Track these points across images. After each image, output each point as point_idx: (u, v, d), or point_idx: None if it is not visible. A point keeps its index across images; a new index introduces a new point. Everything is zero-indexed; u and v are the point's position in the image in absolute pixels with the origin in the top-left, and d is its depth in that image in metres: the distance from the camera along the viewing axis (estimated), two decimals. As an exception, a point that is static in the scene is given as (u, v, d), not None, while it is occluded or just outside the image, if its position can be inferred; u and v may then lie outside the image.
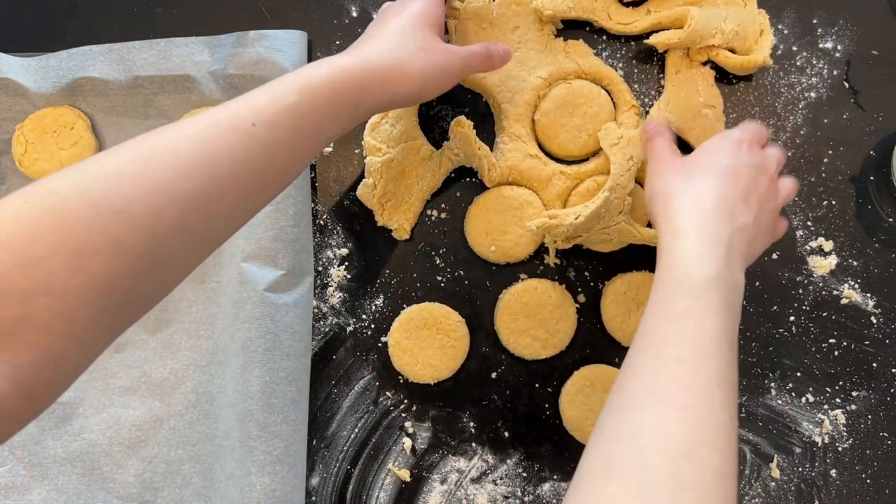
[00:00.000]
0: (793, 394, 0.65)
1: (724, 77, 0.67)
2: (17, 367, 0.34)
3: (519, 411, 0.65)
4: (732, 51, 0.64)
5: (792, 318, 0.65)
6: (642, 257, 0.66)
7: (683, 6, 0.64)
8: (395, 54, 0.51)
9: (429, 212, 0.67)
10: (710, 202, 0.49)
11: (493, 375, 0.66)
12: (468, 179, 0.67)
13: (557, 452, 0.65)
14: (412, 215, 0.66)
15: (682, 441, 0.39)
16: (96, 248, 0.36)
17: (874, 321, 0.65)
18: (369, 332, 0.66)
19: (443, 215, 0.67)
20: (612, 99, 0.66)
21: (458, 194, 0.67)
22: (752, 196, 0.52)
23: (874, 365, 0.65)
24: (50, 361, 0.35)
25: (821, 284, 0.65)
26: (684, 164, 0.54)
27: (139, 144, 0.40)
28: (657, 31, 0.66)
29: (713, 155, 0.54)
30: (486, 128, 0.67)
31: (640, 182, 0.64)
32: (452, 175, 0.67)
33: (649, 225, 0.64)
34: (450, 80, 0.55)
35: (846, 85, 0.67)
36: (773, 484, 0.64)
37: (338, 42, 0.69)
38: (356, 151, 0.68)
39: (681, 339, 0.43)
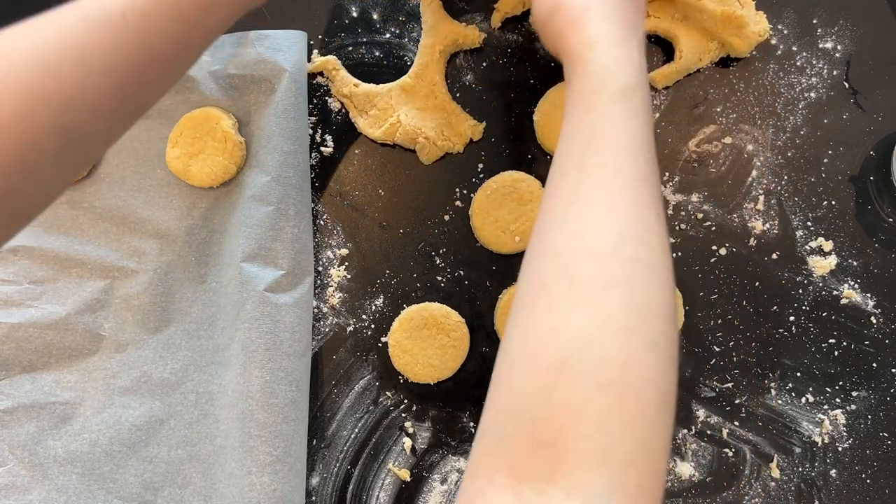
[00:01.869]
0: (793, 394, 0.65)
1: (724, 77, 0.67)
2: None
3: (519, 411, 0.65)
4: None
5: (792, 318, 0.65)
6: (642, 257, 0.66)
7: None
8: None
9: (429, 213, 0.67)
10: (614, 5, 0.44)
11: (494, 375, 0.66)
12: (464, 183, 0.67)
13: (557, 452, 0.65)
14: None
15: (606, 240, 0.37)
16: None
17: (874, 321, 0.65)
18: (369, 332, 0.67)
19: (444, 217, 0.67)
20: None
21: (458, 194, 0.67)
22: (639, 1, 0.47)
23: (874, 365, 0.65)
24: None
25: (821, 284, 0.65)
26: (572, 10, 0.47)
27: (1, 42, 0.38)
28: (658, 33, 0.66)
29: None
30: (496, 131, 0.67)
31: None
32: (449, 179, 0.67)
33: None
34: None
35: (846, 85, 0.67)
36: (773, 484, 0.64)
37: (338, 42, 0.69)
38: (356, 151, 0.68)
39: (602, 146, 0.40)
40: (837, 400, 0.65)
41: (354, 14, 0.69)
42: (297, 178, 0.65)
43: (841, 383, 0.65)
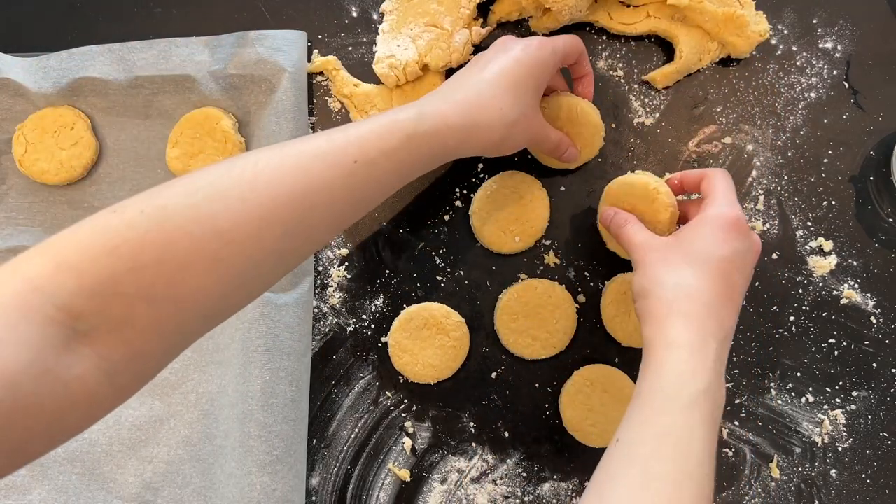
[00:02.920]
0: (793, 394, 0.65)
1: (724, 77, 0.67)
2: (109, 361, 0.37)
3: (519, 411, 0.65)
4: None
5: (792, 318, 0.65)
6: (642, 257, 0.66)
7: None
8: (503, 115, 0.51)
9: (429, 213, 0.67)
10: (702, 308, 0.47)
11: (493, 375, 0.66)
12: (464, 183, 0.67)
13: (557, 452, 0.65)
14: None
15: None
16: (197, 263, 0.39)
17: (874, 321, 0.65)
18: (369, 332, 0.67)
19: (444, 217, 0.67)
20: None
21: (458, 194, 0.67)
22: (739, 287, 0.50)
23: (874, 365, 0.65)
24: (138, 359, 0.38)
25: (821, 284, 0.65)
26: (669, 253, 0.50)
27: (246, 166, 0.42)
28: (657, 33, 0.66)
29: (706, 241, 0.50)
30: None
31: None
32: (449, 179, 0.67)
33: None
34: (524, 147, 0.57)
35: (846, 85, 0.67)
36: (773, 484, 0.64)
37: (338, 42, 0.69)
38: (356, 151, 0.68)
39: (668, 455, 0.43)
40: (837, 400, 0.65)
41: (354, 14, 0.69)
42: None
43: (841, 383, 0.65)
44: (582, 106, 0.63)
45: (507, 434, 0.65)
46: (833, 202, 0.66)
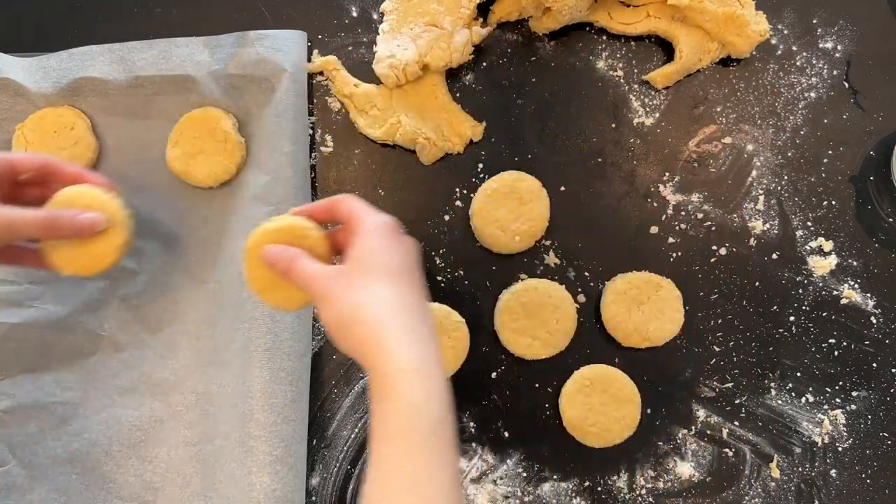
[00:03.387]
0: (793, 394, 0.65)
1: (724, 77, 0.67)
2: None
3: (519, 411, 0.65)
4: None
5: (792, 318, 0.65)
6: (642, 257, 0.66)
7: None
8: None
9: (429, 213, 0.67)
10: (410, 317, 0.45)
11: (493, 375, 0.66)
12: (464, 183, 0.67)
13: (557, 452, 0.65)
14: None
15: None
16: None
17: (874, 321, 0.65)
18: (369, 332, 0.66)
19: (444, 217, 0.67)
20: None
21: (458, 194, 0.67)
22: (421, 284, 0.48)
23: (874, 365, 0.65)
24: None
25: (821, 284, 0.65)
26: (352, 276, 0.46)
27: None
28: (657, 33, 0.66)
29: (381, 253, 0.47)
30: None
31: None
32: (449, 179, 0.67)
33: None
34: None
35: (846, 85, 0.67)
36: (773, 484, 0.64)
37: (338, 42, 0.69)
38: (356, 151, 0.68)
39: (411, 491, 0.42)
40: (837, 400, 0.65)
41: (354, 14, 0.69)
42: (298, 179, 0.65)
43: (841, 383, 0.65)
44: (74, 189, 0.55)
45: (507, 434, 0.65)
46: (833, 202, 0.66)
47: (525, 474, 0.65)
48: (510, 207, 0.65)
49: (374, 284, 0.46)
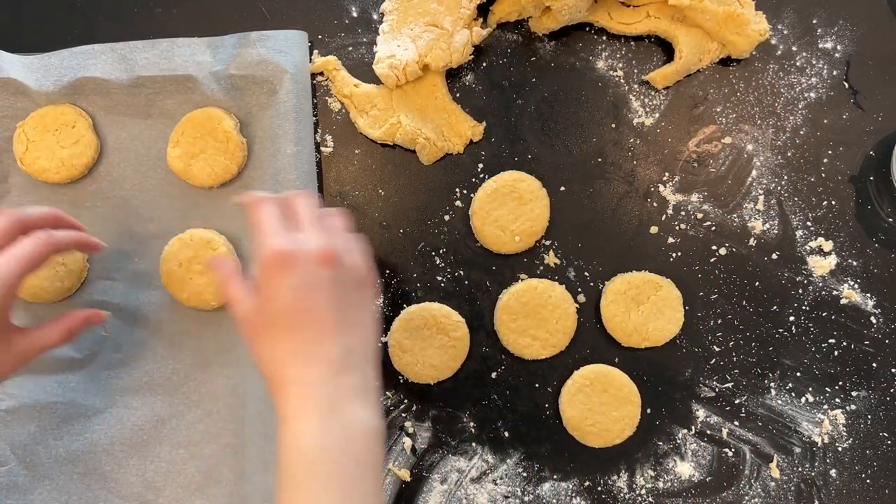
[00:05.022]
0: (793, 394, 0.65)
1: (724, 77, 0.67)
2: None
3: (519, 411, 0.65)
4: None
5: (792, 318, 0.65)
6: (642, 257, 0.66)
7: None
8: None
9: (429, 213, 0.67)
10: (291, 365, 0.46)
11: (493, 375, 0.66)
12: (464, 183, 0.67)
13: (557, 452, 0.65)
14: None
15: None
16: None
17: (874, 321, 0.65)
18: (369, 332, 0.66)
19: (444, 217, 0.67)
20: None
21: (458, 194, 0.67)
22: (322, 303, 0.46)
23: (874, 365, 0.65)
24: None
25: (821, 284, 0.65)
26: (258, 322, 0.48)
27: None
28: (657, 33, 0.66)
29: (267, 292, 0.47)
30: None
31: None
32: (449, 179, 0.67)
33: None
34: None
35: (846, 85, 0.67)
36: (773, 484, 0.64)
37: (338, 42, 0.69)
38: (356, 151, 0.68)
39: None
40: (837, 400, 0.65)
41: (354, 14, 0.69)
42: (301, 180, 0.65)
43: (841, 383, 0.65)
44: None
45: (507, 434, 0.65)
46: (833, 202, 0.66)
47: (525, 474, 0.65)
48: (510, 207, 0.65)
49: (268, 334, 0.47)
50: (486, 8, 0.68)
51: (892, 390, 0.64)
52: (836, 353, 0.65)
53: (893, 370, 0.65)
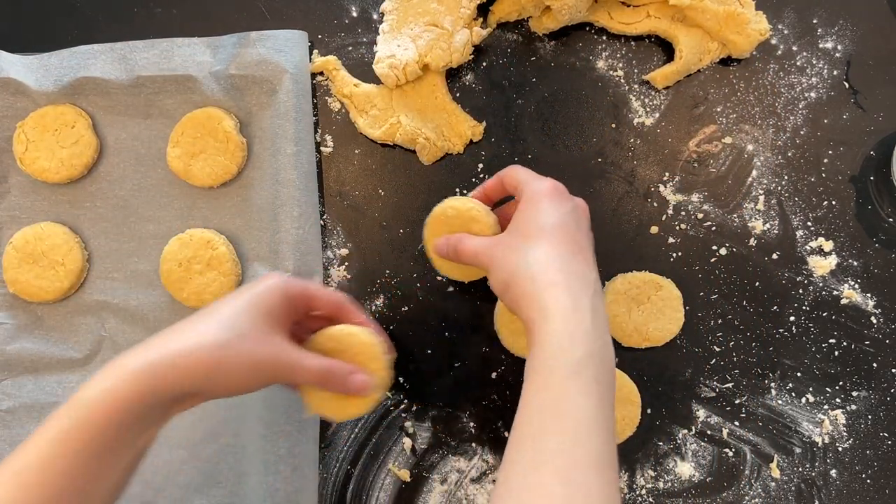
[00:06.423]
0: (793, 394, 0.65)
1: (724, 77, 0.67)
2: None
3: (519, 411, 0.65)
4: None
5: (792, 318, 0.65)
6: (643, 257, 0.66)
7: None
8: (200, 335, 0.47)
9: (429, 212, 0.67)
10: (560, 271, 0.48)
11: (493, 375, 0.66)
12: (464, 183, 0.67)
13: (557, 452, 0.65)
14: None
15: None
16: None
17: (874, 321, 0.65)
18: (369, 332, 0.66)
19: (443, 215, 0.67)
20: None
21: (458, 195, 0.67)
22: (584, 243, 0.51)
23: (874, 365, 0.65)
24: None
25: (821, 284, 0.65)
26: (511, 241, 0.51)
27: None
28: (657, 33, 0.66)
29: (538, 216, 0.51)
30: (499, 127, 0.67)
31: None
32: (449, 179, 0.67)
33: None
34: (261, 381, 0.49)
35: (846, 85, 0.67)
36: (773, 484, 0.64)
37: (338, 42, 0.69)
38: (356, 151, 0.68)
39: (557, 428, 0.43)
40: (837, 400, 0.65)
41: (354, 14, 0.69)
42: (301, 180, 0.65)
43: (841, 383, 0.65)
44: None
45: (507, 434, 0.65)
46: (833, 202, 0.66)
47: (525, 474, 0.65)
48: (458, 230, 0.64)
49: (531, 245, 0.50)
50: (486, 8, 0.68)
51: (892, 390, 0.64)
52: (836, 353, 0.65)
53: (894, 370, 0.65)
